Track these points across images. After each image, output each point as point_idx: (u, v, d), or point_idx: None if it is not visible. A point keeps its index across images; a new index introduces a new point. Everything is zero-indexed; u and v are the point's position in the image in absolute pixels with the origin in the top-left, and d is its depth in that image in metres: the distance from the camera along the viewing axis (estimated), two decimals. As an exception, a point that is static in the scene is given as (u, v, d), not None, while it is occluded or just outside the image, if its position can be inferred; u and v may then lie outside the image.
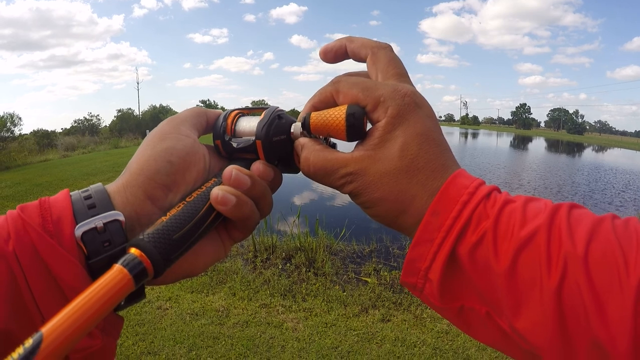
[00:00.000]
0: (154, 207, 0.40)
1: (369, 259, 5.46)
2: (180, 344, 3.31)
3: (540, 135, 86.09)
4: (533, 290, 0.31)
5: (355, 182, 0.40)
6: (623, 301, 0.27)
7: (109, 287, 0.30)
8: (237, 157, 0.47)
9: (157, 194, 0.40)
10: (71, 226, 0.35)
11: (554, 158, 28.04)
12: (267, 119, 0.45)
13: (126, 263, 0.32)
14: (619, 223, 0.32)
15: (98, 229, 0.35)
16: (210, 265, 0.44)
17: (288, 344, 3.39)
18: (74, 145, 24.87)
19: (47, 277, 0.33)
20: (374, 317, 3.92)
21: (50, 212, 0.35)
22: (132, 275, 0.32)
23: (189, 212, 0.38)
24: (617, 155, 37.17)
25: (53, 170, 13.40)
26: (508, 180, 13.99)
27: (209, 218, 0.40)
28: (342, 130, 0.42)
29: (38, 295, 0.33)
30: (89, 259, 0.35)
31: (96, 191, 0.39)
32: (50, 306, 0.33)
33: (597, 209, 9.63)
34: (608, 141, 75.63)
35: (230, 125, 0.47)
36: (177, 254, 0.37)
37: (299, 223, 6.09)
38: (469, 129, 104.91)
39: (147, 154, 0.41)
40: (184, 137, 0.43)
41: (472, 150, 30.51)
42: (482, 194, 0.36)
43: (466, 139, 50.98)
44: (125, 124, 44.04)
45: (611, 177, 16.50)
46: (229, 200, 0.40)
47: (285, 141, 0.46)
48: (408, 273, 0.38)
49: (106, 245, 0.35)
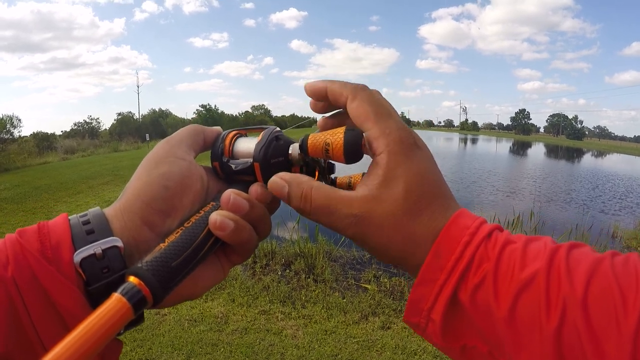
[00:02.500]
0: (152, 233, 0.40)
1: (369, 265, 5.45)
2: (179, 351, 3.29)
3: (539, 140, 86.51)
4: (533, 332, 0.31)
5: (361, 225, 0.39)
6: (621, 341, 0.28)
7: (108, 317, 0.30)
8: (235, 179, 0.47)
9: (155, 220, 0.40)
10: (70, 252, 0.35)
11: (553, 164, 28.11)
12: (265, 141, 0.45)
13: (125, 292, 0.32)
14: (619, 261, 0.32)
15: (97, 256, 0.35)
16: (209, 289, 0.44)
17: (287, 352, 3.38)
18: (74, 148, 24.92)
19: (46, 303, 0.33)
20: (374, 325, 3.90)
21: (49, 238, 0.35)
22: (131, 304, 0.32)
23: (187, 238, 0.38)
24: (616, 160, 37.27)
25: (52, 173, 13.41)
26: (507, 188, 14.03)
27: (207, 244, 0.39)
28: (340, 152, 0.41)
29: (37, 321, 0.33)
30: (88, 285, 0.35)
31: (94, 216, 0.39)
32: (49, 332, 0.33)
33: (596, 218, 9.65)
34: (607, 146, 76.02)
35: (228, 146, 0.47)
36: (176, 281, 0.37)
37: (299, 229, 6.09)
38: (468, 134, 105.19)
39: (143, 180, 0.41)
40: (179, 161, 0.43)
41: (470, 156, 30.59)
42: (483, 234, 0.36)
43: (465, 144, 51.12)
44: (125, 128, 44.16)
45: (611, 185, 16.54)
46: (228, 226, 0.39)
47: (283, 163, 0.45)
48: (411, 313, 0.39)
49: (105, 272, 0.35)
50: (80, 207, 8.39)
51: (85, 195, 9.61)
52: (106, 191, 10.11)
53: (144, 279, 0.34)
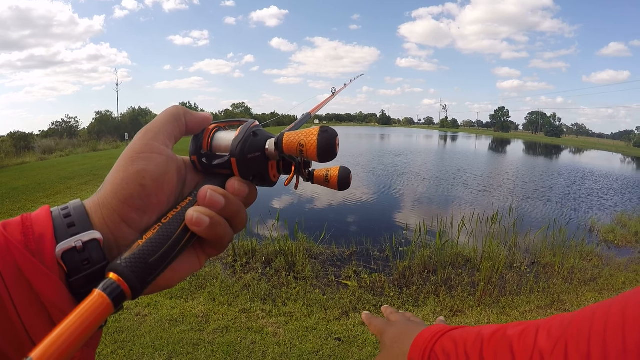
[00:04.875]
0: (130, 229, 0.41)
1: (349, 262, 5.48)
2: (160, 352, 3.28)
3: (518, 138, 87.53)
4: None
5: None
6: None
7: (90, 311, 0.33)
8: (213, 172, 0.48)
9: (132, 217, 0.41)
10: (52, 245, 0.37)
11: (531, 161, 28.48)
12: (242, 137, 0.46)
13: (105, 287, 0.35)
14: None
15: (77, 248, 0.37)
16: (185, 279, 0.46)
17: (269, 349, 3.39)
18: (52, 148, 24.51)
19: (30, 294, 0.35)
20: (354, 321, 3.94)
21: (33, 231, 0.37)
22: (111, 299, 0.34)
23: (164, 234, 0.40)
24: (594, 157, 37.95)
25: (30, 173, 13.16)
26: (486, 184, 14.17)
27: (183, 239, 0.41)
28: (314, 153, 0.43)
29: (22, 311, 0.34)
30: (69, 277, 0.37)
31: (75, 208, 0.40)
32: (34, 322, 0.35)
33: (574, 213, 9.82)
34: (585, 143, 77.29)
35: (206, 139, 0.48)
36: (154, 276, 0.38)
37: (279, 226, 6.08)
38: (448, 132, 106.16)
39: (120, 176, 0.42)
40: (156, 156, 0.43)
41: (451, 154, 30.81)
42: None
43: (445, 142, 51.50)
44: (104, 126, 43.59)
45: (591, 183, 16.82)
46: (203, 222, 0.41)
47: (259, 158, 0.46)
48: None
49: (85, 264, 0.37)
50: (58, 208, 8.25)
51: (63, 195, 9.46)
52: (85, 191, 9.97)
53: (123, 275, 0.36)
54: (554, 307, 4.57)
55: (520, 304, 4.61)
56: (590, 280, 5.38)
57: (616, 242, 7.39)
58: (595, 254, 6.42)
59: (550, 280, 5.26)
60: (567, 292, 4.97)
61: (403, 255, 5.66)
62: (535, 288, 5.00)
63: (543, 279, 5.32)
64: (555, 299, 4.77)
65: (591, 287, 5.16)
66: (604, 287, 5.21)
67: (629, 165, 30.35)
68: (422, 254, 5.51)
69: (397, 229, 7.74)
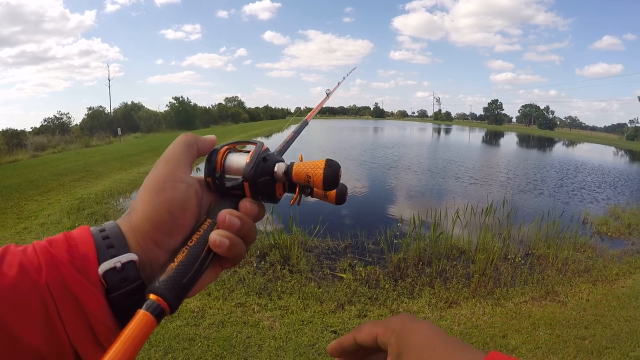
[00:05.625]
0: (160, 250, 0.48)
1: (344, 254, 5.49)
2: (156, 347, 3.28)
3: (512, 130, 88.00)
4: None
5: None
6: None
7: (139, 329, 0.39)
8: (227, 193, 0.53)
9: (162, 239, 0.48)
10: (95, 264, 0.42)
11: (525, 153, 28.61)
12: (254, 162, 0.52)
13: (148, 307, 0.41)
14: None
15: (117, 269, 0.43)
16: (203, 288, 0.52)
17: (265, 343, 3.40)
18: (44, 144, 24.35)
19: (76, 308, 0.40)
20: (350, 313, 3.96)
21: (78, 250, 0.43)
22: (154, 316, 0.41)
23: (192, 257, 0.47)
24: (587, 149, 38.16)
25: (23, 171, 13.07)
26: (480, 176, 14.23)
27: (208, 259, 0.49)
28: (319, 184, 0.51)
29: (68, 324, 0.39)
30: (109, 293, 0.42)
31: (111, 229, 0.47)
32: (79, 334, 0.40)
33: (568, 205, 9.88)
34: (578, 136, 77.71)
35: (220, 161, 0.54)
36: (186, 293, 0.46)
37: (273, 220, 6.09)
38: (442, 124, 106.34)
39: (150, 206, 0.48)
40: (179, 185, 0.50)
41: (444, 147, 30.88)
42: None
43: (439, 134, 51.65)
44: (96, 122, 43.29)
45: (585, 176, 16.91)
46: (224, 244, 0.48)
47: (269, 181, 0.53)
48: None
49: (123, 282, 0.43)
50: (52, 205, 8.22)
51: (56, 192, 9.41)
52: (78, 188, 9.93)
53: (163, 296, 0.43)
54: (548, 298, 4.60)
55: (515, 295, 4.65)
56: (584, 272, 5.42)
57: (609, 234, 7.47)
58: (588, 245, 6.48)
59: (545, 272, 5.31)
60: (561, 283, 5.02)
61: (398, 248, 5.69)
62: (529, 279, 5.04)
63: (537, 270, 5.36)
64: (550, 290, 4.80)
65: (585, 278, 5.21)
66: (597, 278, 5.26)
67: (621, 158, 30.54)
68: (416, 246, 5.53)
69: (391, 221, 7.78)
